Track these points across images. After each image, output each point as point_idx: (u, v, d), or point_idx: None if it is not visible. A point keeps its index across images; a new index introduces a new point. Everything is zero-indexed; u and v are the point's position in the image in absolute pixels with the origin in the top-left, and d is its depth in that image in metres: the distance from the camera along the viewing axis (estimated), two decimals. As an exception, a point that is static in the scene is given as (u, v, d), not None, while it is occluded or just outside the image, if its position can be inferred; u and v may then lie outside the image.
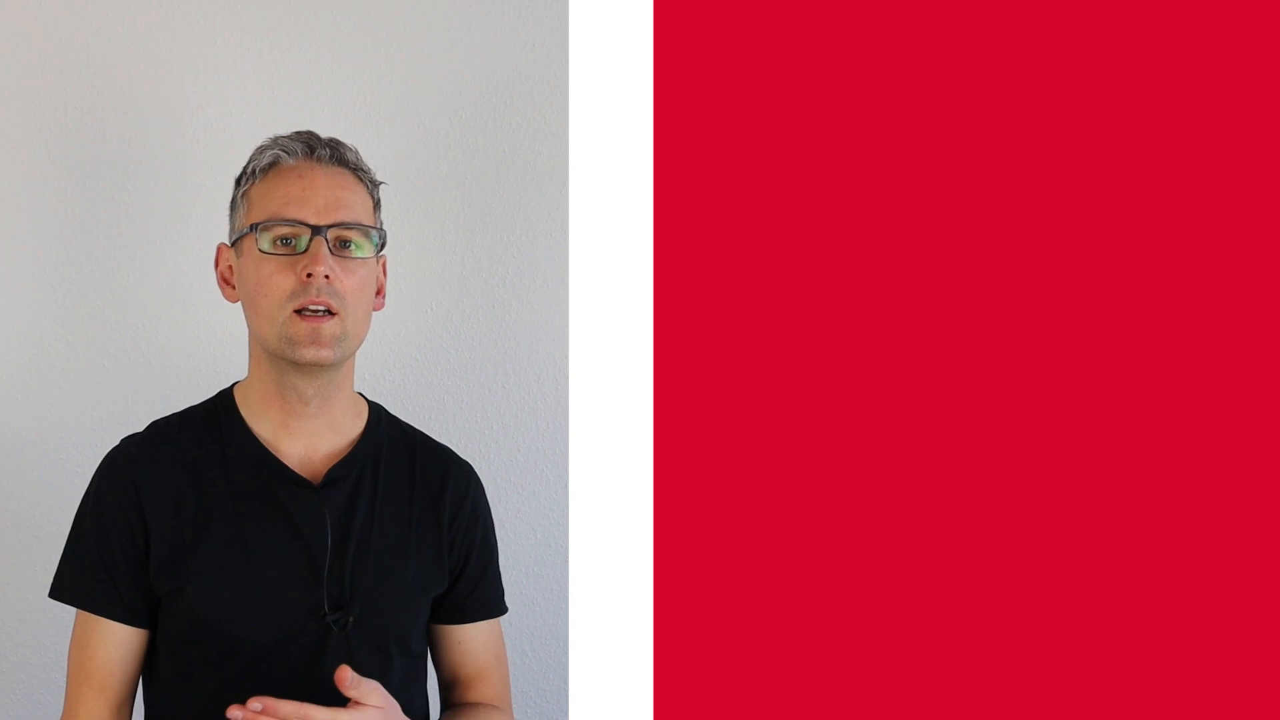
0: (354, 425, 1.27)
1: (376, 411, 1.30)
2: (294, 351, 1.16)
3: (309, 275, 1.15)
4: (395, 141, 1.60)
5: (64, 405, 1.56)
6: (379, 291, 1.26)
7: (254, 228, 1.18)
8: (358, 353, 1.26)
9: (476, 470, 1.35)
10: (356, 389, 1.30)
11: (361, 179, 1.23)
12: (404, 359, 1.64)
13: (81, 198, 1.56)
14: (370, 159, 1.28)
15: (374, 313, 1.25)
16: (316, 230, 1.16)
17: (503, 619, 1.35)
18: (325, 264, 1.15)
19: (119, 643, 1.19)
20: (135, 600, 1.19)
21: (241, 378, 1.28)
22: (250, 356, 1.24)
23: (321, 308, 1.16)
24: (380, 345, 1.60)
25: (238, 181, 1.23)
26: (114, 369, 1.57)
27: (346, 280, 1.17)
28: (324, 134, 1.24)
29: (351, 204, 1.19)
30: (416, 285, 1.63)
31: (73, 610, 1.22)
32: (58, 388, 1.56)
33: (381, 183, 1.26)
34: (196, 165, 1.57)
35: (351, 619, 1.19)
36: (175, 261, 1.58)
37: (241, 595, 1.17)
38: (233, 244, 1.23)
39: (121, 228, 1.56)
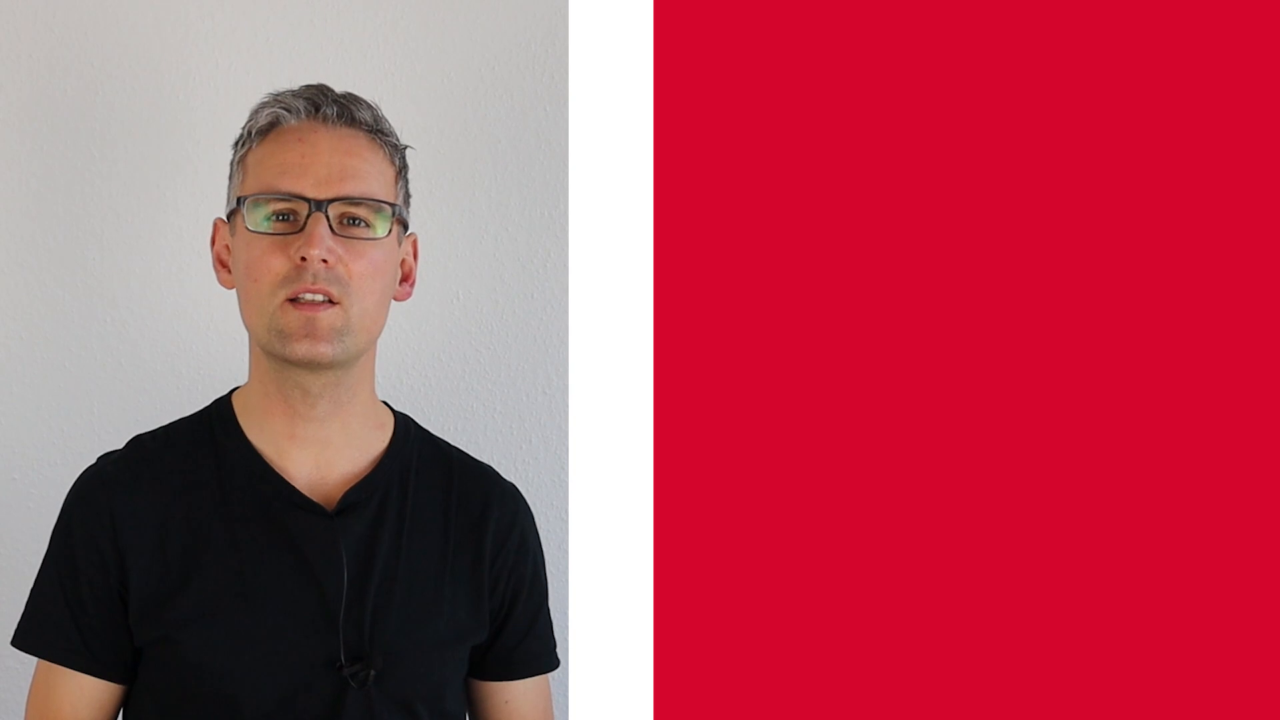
0: (376, 440, 1.22)
1: (404, 424, 1.26)
2: (285, 346, 1.11)
3: (304, 259, 1.10)
4: (415, 99, 1.54)
5: (20, 418, 1.51)
6: (405, 278, 1.22)
7: (242, 201, 1.14)
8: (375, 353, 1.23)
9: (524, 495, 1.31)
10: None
11: (380, 143, 1.17)
12: (424, 358, 1.58)
13: (38, 163, 1.51)
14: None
15: (398, 302, 1.22)
16: (317, 205, 1.11)
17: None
18: (323, 245, 1.10)
19: (86, 699, 1.15)
20: (106, 651, 1.15)
21: (240, 382, 1.23)
22: (249, 355, 1.19)
23: (320, 296, 1.11)
24: (395, 342, 1.53)
25: (235, 145, 1.19)
26: (79, 373, 1.52)
27: (353, 264, 1.12)
28: (339, 87, 1.19)
29: (361, 174, 1.14)
30: (440, 271, 1.55)
31: (34, 660, 1.19)
32: (10, 395, 1.52)
33: (407, 146, 1.21)
34: (179, 126, 1.50)
35: (373, 672, 1.14)
36: (153, 241, 1.51)
37: (239, 645, 1.13)
38: (228, 219, 1.19)
39: (87, 200, 1.51)
